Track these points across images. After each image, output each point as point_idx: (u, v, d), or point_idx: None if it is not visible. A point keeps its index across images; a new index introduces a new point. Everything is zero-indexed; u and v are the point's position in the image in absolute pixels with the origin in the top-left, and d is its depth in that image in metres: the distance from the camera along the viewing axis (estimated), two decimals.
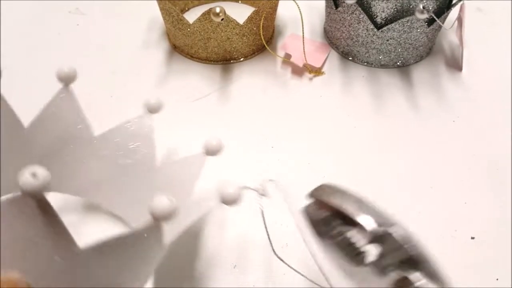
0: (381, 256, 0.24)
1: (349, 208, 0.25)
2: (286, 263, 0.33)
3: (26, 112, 0.46)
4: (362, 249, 0.25)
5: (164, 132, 0.44)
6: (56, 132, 0.31)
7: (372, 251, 0.24)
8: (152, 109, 0.33)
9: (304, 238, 0.35)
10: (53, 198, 0.26)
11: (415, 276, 0.23)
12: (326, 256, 0.27)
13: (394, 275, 0.24)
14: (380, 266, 0.24)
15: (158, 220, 0.21)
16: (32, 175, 0.20)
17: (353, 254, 0.25)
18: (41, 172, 0.20)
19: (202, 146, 0.31)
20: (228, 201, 0.25)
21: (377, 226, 0.24)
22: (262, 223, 0.31)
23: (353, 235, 0.25)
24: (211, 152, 0.32)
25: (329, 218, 0.26)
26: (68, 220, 0.22)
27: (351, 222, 0.25)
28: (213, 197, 0.26)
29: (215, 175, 0.34)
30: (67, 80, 0.31)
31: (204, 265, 0.34)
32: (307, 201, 0.28)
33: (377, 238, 0.24)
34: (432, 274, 0.24)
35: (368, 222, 0.24)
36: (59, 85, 0.32)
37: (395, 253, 0.24)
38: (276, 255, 0.34)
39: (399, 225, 0.24)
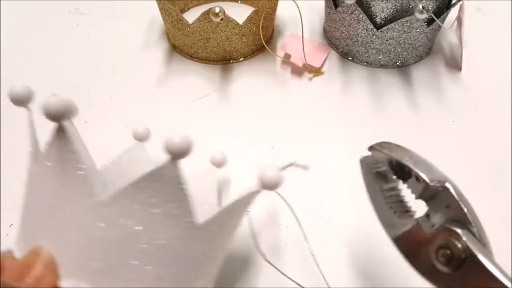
0: (430, 213, 0.25)
1: (409, 161, 0.26)
2: (276, 268, 0.33)
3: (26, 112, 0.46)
4: (411, 207, 0.26)
5: (164, 132, 0.44)
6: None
7: (420, 208, 0.25)
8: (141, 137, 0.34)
9: (305, 237, 0.36)
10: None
11: (463, 232, 0.24)
12: (373, 208, 0.28)
13: (440, 229, 0.24)
14: (428, 222, 0.25)
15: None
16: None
17: (402, 210, 0.26)
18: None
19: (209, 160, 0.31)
20: (269, 185, 0.24)
21: (431, 180, 0.25)
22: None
23: (406, 190, 0.26)
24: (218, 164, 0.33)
25: (385, 172, 0.27)
26: None
27: (407, 176, 0.26)
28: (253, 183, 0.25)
29: (215, 175, 0.34)
30: (141, 138, 0.32)
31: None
32: (365, 154, 0.29)
33: (431, 193, 0.25)
34: (478, 235, 0.25)
35: (426, 174, 0.25)
36: (59, 89, 0.32)
37: (446, 210, 0.25)
38: (266, 260, 0.34)
39: (452, 182, 0.25)
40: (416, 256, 0.25)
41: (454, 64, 0.51)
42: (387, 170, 0.27)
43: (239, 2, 0.59)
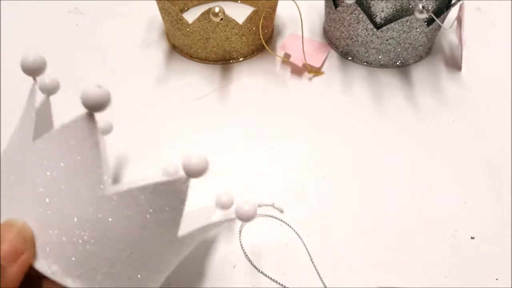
0: None
1: None
2: (266, 275, 0.34)
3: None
4: None
5: (164, 132, 0.44)
6: None
7: None
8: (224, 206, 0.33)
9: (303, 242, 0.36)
10: None
11: None
12: None
13: None
14: None
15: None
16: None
17: None
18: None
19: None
20: (244, 218, 0.26)
21: None
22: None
23: None
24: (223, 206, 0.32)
25: None
26: None
27: None
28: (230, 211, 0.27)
29: (215, 175, 0.34)
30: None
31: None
32: None
33: None
34: None
35: None
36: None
37: None
38: (255, 267, 0.34)
39: None
40: None
41: (454, 64, 0.51)
42: None
43: (239, 2, 0.59)
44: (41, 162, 0.23)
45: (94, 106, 0.22)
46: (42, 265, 0.22)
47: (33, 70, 0.27)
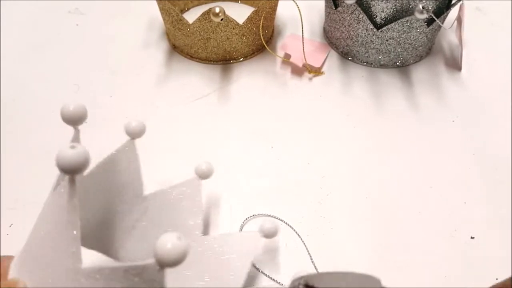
0: None
1: None
2: (266, 275, 0.33)
3: (27, 112, 0.46)
4: None
5: (164, 132, 0.44)
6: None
7: None
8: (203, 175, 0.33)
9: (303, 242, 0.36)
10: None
11: None
12: None
13: None
14: None
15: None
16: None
17: None
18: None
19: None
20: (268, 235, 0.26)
21: None
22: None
23: None
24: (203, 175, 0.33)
25: None
26: None
27: None
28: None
29: (215, 175, 0.34)
30: (133, 134, 0.30)
31: None
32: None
33: None
34: None
35: None
36: (59, 89, 0.32)
37: None
38: (255, 267, 0.34)
39: None
40: None
41: (454, 64, 0.51)
42: None
43: (239, 2, 0.59)
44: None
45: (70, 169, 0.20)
46: None
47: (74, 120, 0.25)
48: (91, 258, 0.27)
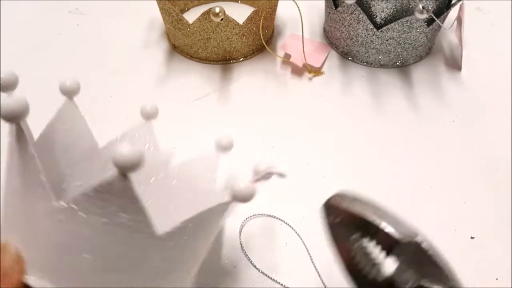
0: (401, 269, 0.23)
1: (372, 216, 0.23)
2: (266, 275, 0.33)
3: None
4: (378, 261, 0.23)
5: (164, 132, 0.44)
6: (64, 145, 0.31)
7: (389, 263, 0.23)
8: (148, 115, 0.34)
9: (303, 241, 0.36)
10: None
11: None
12: (339, 263, 0.25)
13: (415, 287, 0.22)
14: (400, 279, 0.23)
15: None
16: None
17: (369, 265, 0.23)
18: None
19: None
20: (240, 197, 0.24)
21: (401, 236, 0.22)
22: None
23: (371, 244, 0.23)
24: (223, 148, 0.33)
25: (347, 224, 0.24)
26: None
27: (371, 232, 0.23)
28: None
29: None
30: (70, 93, 0.31)
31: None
32: (324, 207, 0.26)
33: (401, 248, 0.22)
34: None
35: (395, 229, 0.23)
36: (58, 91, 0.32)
37: (419, 265, 0.22)
38: (255, 267, 0.34)
39: (422, 235, 0.23)
40: None
41: (454, 64, 0.51)
42: (351, 226, 0.24)
43: (239, 2, 0.59)
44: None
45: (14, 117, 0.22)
46: (34, 281, 0.22)
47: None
48: None
